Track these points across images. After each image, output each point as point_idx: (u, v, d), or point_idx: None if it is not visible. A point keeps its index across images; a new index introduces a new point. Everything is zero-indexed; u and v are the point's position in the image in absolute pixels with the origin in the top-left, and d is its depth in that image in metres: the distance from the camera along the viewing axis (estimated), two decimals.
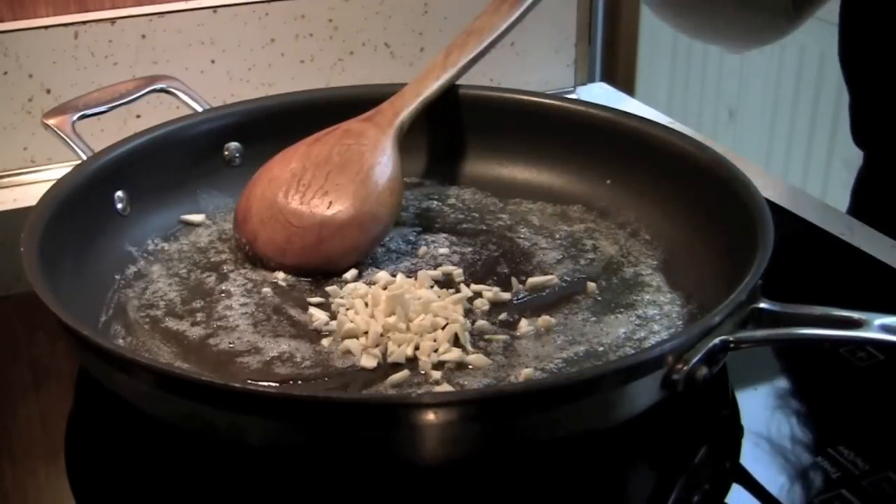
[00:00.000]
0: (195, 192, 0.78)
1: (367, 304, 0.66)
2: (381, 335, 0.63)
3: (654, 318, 0.66)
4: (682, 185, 0.74)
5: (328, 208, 0.71)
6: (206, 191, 0.79)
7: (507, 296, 0.68)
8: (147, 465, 0.58)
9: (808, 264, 0.77)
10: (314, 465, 0.54)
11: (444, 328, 0.64)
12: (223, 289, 0.70)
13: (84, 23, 0.91)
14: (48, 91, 0.91)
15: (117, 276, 0.70)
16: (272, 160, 0.75)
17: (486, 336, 0.64)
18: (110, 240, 0.71)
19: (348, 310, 0.66)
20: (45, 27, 0.90)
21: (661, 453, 0.58)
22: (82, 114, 0.76)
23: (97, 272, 0.69)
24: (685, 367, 0.54)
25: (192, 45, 0.94)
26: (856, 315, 0.56)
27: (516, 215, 0.79)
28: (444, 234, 0.77)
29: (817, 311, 0.57)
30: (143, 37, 0.93)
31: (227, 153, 0.80)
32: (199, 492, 0.56)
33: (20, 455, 0.60)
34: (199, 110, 0.80)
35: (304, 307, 0.68)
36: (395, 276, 0.69)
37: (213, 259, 0.74)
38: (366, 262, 0.72)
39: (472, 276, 0.71)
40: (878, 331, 0.55)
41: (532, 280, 0.70)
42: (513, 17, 0.79)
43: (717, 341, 0.55)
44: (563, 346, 0.64)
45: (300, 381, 0.61)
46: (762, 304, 0.58)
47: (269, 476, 0.55)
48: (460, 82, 0.82)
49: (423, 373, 0.61)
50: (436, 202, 0.81)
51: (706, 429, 0.61)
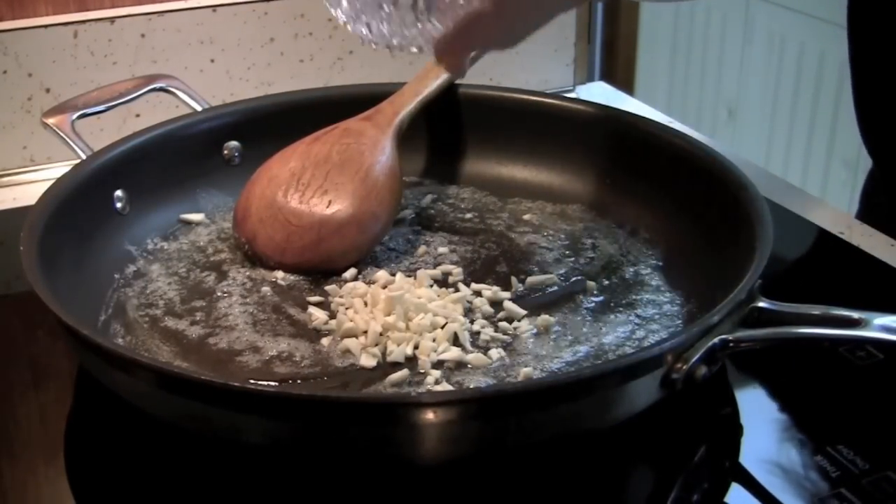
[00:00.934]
0: (194, 192, 0.78)
1: (366, 304, 0.66)
2: (381, 334, 0.63)
3: (653, 317, 0.66)
4: (681, 184, 0.74)
5: (327, 207, 0.71)
6: (205, 190, 0.79)
7: (506, 295, 0.68)
8: (146, 465, 0.58)
9: (808, 263, 0.77)
10: (314, 464, 0.54)
11: (443, 327, 0.64)
12: (222, 288, 0.70)
13: (83, 22, 0.91)
14: (48, 90, 0.91)
15: (117, 276, 0.70)
16: (271, 159, 0.75)
17: (486, 335, 0.64)
18: (110, 239, 0.71)
19: (347, 309, 0.66)
20: (45, 26, 0.90)
21: (660, 452, 0.58)
22: (82, 113, 0.76)
23: (96, 271, 0.69)
24: (684, 367, 0.54)
25: (191, 45, 0.94)
26: (855, 314, 0.56)
27: (515, 214, 0.79)
28: (443, 233, 0.77)
29: (817, 310, 0.57)
30: (143, 36, 0.93)
31: (226, 152, 0.80)
32: (198, 491, 0.56)
33: (20, 454, 0.60)
34: (199, 109, 0.80)
35: (304, 306, 0.68)
36: (394, 275, 0.69)
37: (212, 258, 0.74)
38: (365, 261, 0.72)
39: (472, 276, 0.71)
40: (878, 330, 0.55)
41: (531, 279, 0.70)
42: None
43: (716, 341, 0.55)
44: (562, 345, 0.64)
45: (299, 381, 0.61)
46: (761, 304, 0.59)
47: (268, 475, 0.55)
48: (460, 81, 0.82)
49: (422, 371, 0.61)
50: (435, 201, 0.81)
51: (706, 428, 0.61)
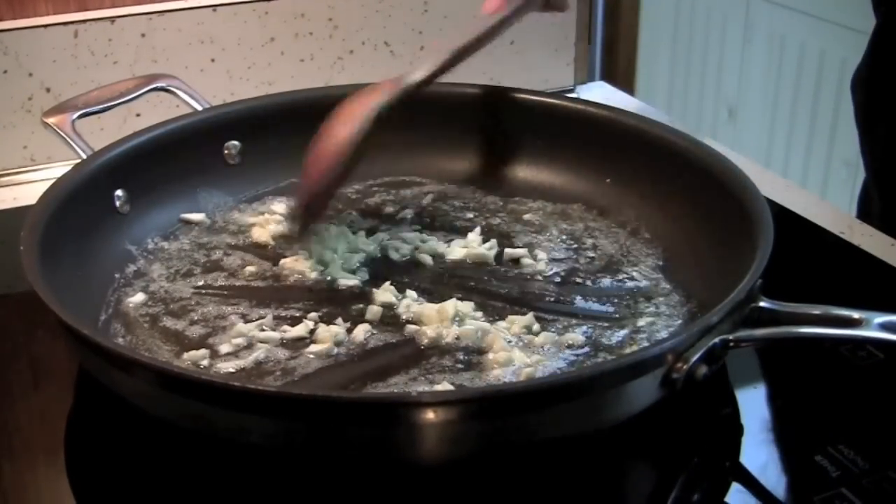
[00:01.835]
0: (195, 191, 0.78)
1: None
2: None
3: (653, 317, 0.66)
4: (681, 183, 0.74)
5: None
6: (205, 189, 0.79)
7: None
8: (146, 464, 0.58)
9: (808, 263, 0.77)
10: (314, 463, 0.54)
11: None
12: (223, 287, 0.70)
13: (84, 21, 0.91)
14: (48, 90, 0.91)
15: (117, 275, 0.70)
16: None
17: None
18: (110, 238, 0.71)
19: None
20: (45, 26, 0.90)
21: (661, 452, 0.58)
22: (82, 112, 0.76)
23: (97, 271, 0.69)
24: (685, 366, 0.54)
25: (191, 44, 0.94)
26: (855, 314, 0.56)
27: (516, 214, 0.79)
28: (443, 233, 0.77)
29: (817, 309, 0.57)
30: (143, 35, 0.93)
31: (226, 152, 0.80)
32: (198, 490, 0.56)
33: (20, 453, 0.60)
34: (199, 109, 0.80)
35: (305, 306, 0.68)
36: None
37: (212, 258, 0.73)
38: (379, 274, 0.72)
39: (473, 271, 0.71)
40: (878, 329, 0.55)
41: (531, 277, 0.70)
42: (500, 17, 0.78)
43: (716, 340, 0.55)
44: (562, 345, 0.64)
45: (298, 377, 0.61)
46: (762, 303, 0.59)
47: (268, 475, 0.55)
48: (460, 81, 0.82)
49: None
50: (435, 201, 0.81)
51: (706, 427, 0.61)
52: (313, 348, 0.63)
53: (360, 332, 0.65)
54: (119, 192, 0.73)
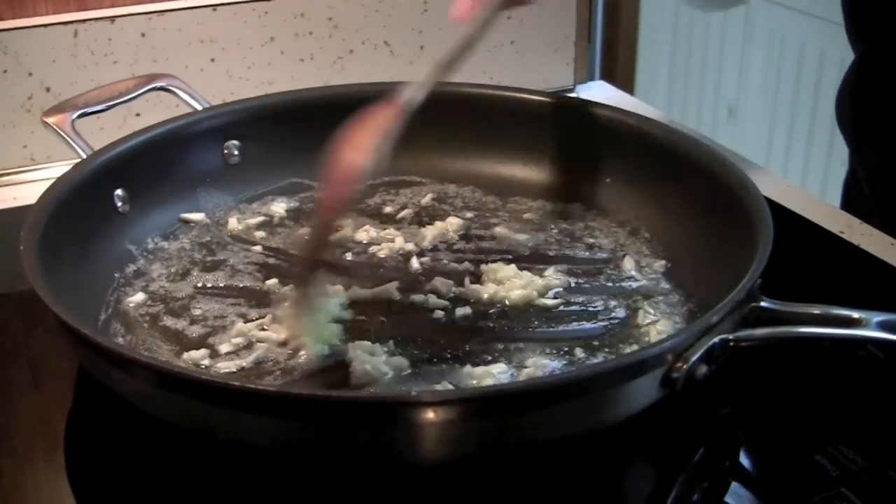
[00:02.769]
0: (195, 191, 0.78)
1: None
2: None
3: (653, 316, 0.66)
4: (681, 183, 0.74)
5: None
6: (205, 189, 0.79)
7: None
8: (146, 464, 0.58)
9: (808, 263, 0.77)
10: (313, 463, 0.54)
11: None
12: (222, 287, 0.70)
13: (84, 21, 0.91)
14: (48, 89, 0.91)
15: (117, 275, 0.70)
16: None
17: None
18: (110, 238, 0.71)
19: None
20: (45, 25, 0.90)
21: (660, 452, 0.58)
22: (82, 112, 0.76)
23: (97, 270, 0.69)
24: (685, 366, 0.54)
25: (191, 44, 0.94)
26: (855, 313, 0.56)
27: (515, 213, 0.79)
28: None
29: (817, 309, 0.57)
30: (143, 35, 0.93)
31: (226, 151, 0.80)
32: (198, 490, 0.56)
33: (20, 452, 0.60)
34: (199, 109, 0.80)
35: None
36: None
37: (212, 257, 0.74)
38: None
39: (472, 274, 0.71)
40: (878, 329, 0.55)
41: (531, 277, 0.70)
42: (480, 20, 0.78)
43: (716, 340, 0.55)
44: (562, 344, 0.64)
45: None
46: (762, 303, 0.59)
47: (268, 475, 0.55)
48: (459, 80, 0.82)
49: None
50: (435, 201, 0.81)
51: (706, 427, 0.61)
52: None
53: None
54: (119, 192, 0.73)
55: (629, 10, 2.12)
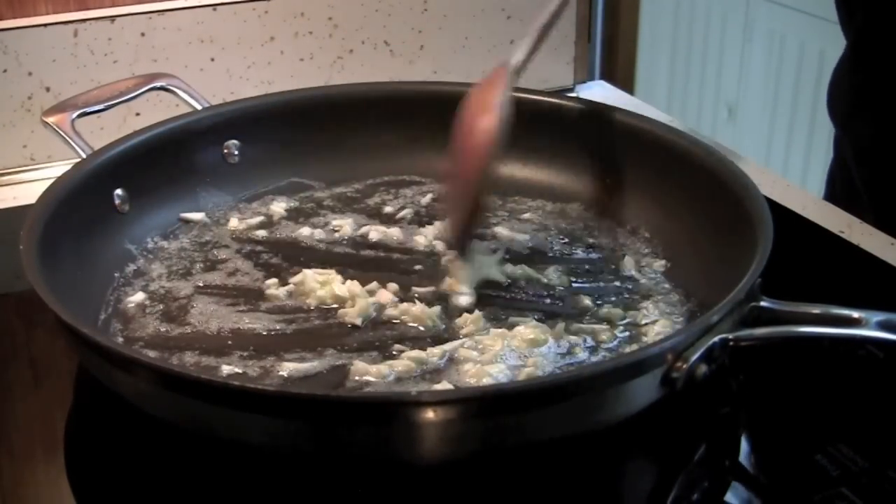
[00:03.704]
0: (195, 190, 0.78)
1: None
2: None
3: (653, 316, 0.66)
4: (681, 182, 0.74)
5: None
6: (205, 188, 0.79)
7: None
8: (146, 464, 0.58)
9: (808, 262, 0.77)
10: (313, 463, 0.54)
11: None
12: (224, 287, 0.70)
13: (84, 21, 0.91)
14: (48, 89, 0.91)
15: (117, 274, 0.70)
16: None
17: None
18: (110, 238, 0.71)
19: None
20: (45, 25, 0.90)
21: (660, 451, 0.58)
22: (82, 112, 0.76)
23: (97, 270, 0.69)
24: (685, 366, 0.54)
25: (191, 43, 0.94)
26: (855, 313, 0.56)
27: (515, 213, 0.79)
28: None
29: (816, 309, 0.57)
30: (143, 35, 0.93)
31: (226, 151, 0.80)
32: (198, 490, 0.56)
33: (19, 452, 0.60)
34: (199, 108, 0.80)
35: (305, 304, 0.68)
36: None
37: (212, 257, 0.74)
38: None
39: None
40: (877, 329, 0.55)
41: (531, 278, 0.70)
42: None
43: (716, 339, 0.55)
44: (562, 344, 0.64)
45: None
46: (761, 303, 0.59)
47: (268, 474, 0.55)
48: (460, 80, 0.82)
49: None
50: (435, 200, 0.81)
51: (706, 427, 0.61)
52: None
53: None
54: (119, 192, 0.73)
55: (629, 10, 2.12)
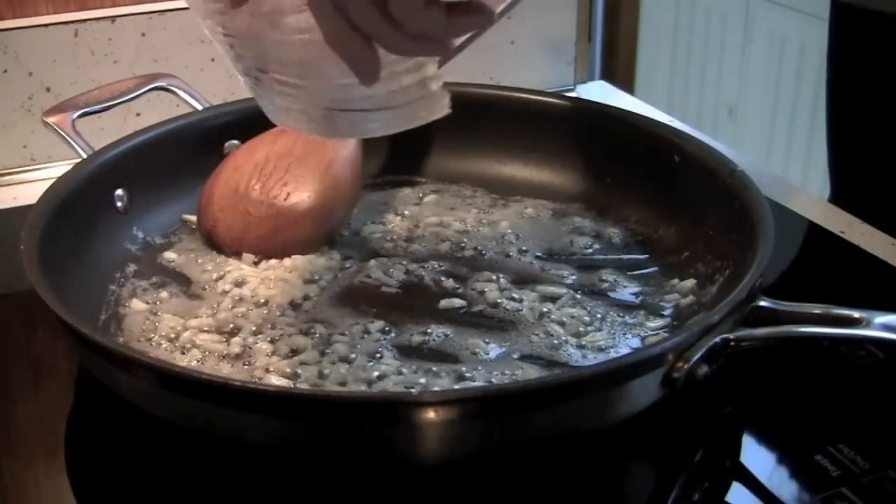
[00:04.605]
0: (195, 191, 0.78)
1: None
2: None
3: (653, 315, 0.66)
4: (681, 183, 0.74)
5: (285, 199, 0.72)
6: None
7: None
8: (147, 463, 0.58)
9: (808, 262, 0.77)
10: (314, 463, 0.54)
11: None
12: (224, 287, 0.70)
13: (84, 21, 0.91)
14: (48, 89, 0.91)
15: (117, 275, 0.70)
16: (240, 148, 0.76)
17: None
18: (110, 238, 0.71)
19: None
20: (45, 25, 0.90)
21: (661, 451, 0.58)
22: (82, 112, 0.76)
23: (97, 270, 0.69)
24: (685, 366, 0.54)
25: (192, 43, 0.94)
26: (856, 313, 0.56)
27: (516, 212, 0.79)
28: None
29: (817, 309, 0.57)
30: (143, 35, 0.93)
31: (227, 151, 0.80)
32: (198, 490, 0.56)
33: (20, 453, 0.60)
34: (199, 108, 0.80)
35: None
36: None
37: (213, 258, 0.73)
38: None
39: (473, 271, 0.71)
40: (879, 329, 0.55)
41: (531, 277, 0.70)
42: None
43: (717, 340, 0.55)
44: (562, 343, 0.64)
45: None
46: (762, 303, 0.58)
47: (269, 474, 0.55)
48: (460, 80, 0.82)
49: None
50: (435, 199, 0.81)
51: (706, 427, 0.61)
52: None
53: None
54: (119, 192, 0.73)
55: (629, 10, 2.12)
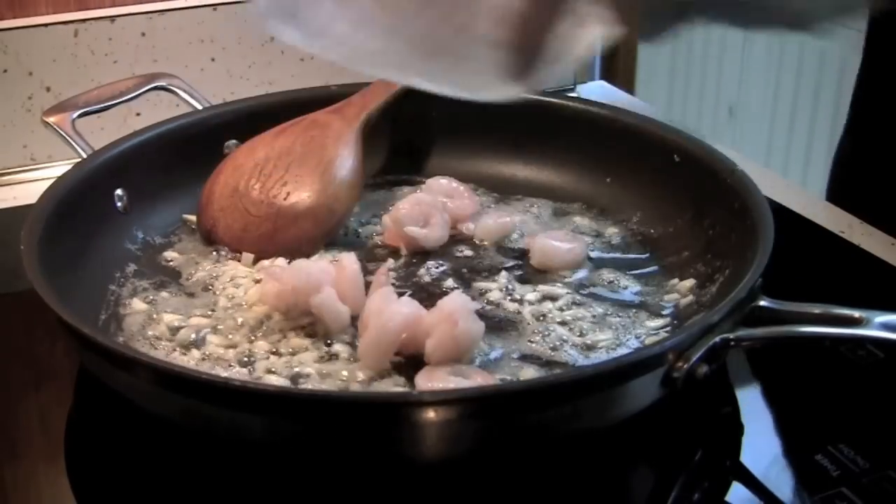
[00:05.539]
0: (195, 190, 0.78)
1: None
2: None
3: (653, 315, 0.66)
4: (681, 182, 0.74)
5: (285, 199, 0.72)
6: None
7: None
8: (147, 463, 0.58)
9: (808, 262, 0.77)
10: (314, 462, 0.54)
11: None
12: (223, 287, 0.70)
13: (84, 21, 0.91)
14: (48, 89, 0.91)
15: (117, 274, 0.70)
16: (239, 148, 0.76)
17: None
18: (110, 238, 0.71)
19: None
20: (46, 25, 0.90)
21: (661, 451, 0.58)
22: (82, 111, 0.76)
23: (97, 270, 0.69)
24: (686, 365, 0.54)
25: (191, 43, 0.94)
26: (856, 313, 0.56)
27: (516, 213, 0.79)
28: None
29: (817, 308, 0.57)
30: (143, 35, 0.93)
31: (227, 151, 0.80)
32: (198, 490, 0.56)
33: (20, 452, 0.60)
34: (199, 108, 0.80)
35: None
36: None
37: (213, 257, 0.73)
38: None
39: (473, 271, 0.71)
40: (878, 328, 0.55)
41: (531, 276, 0.70)
42: None
43: (717, 339, 0.55)
44: (562, 343, 0.64)
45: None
46: (762, 302, 0.59)
47: (268, 474, 0.55)
48: None
49: None
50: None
51: (706, 427, 0.61)
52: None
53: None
54: (119, 192, 0.73)
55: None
